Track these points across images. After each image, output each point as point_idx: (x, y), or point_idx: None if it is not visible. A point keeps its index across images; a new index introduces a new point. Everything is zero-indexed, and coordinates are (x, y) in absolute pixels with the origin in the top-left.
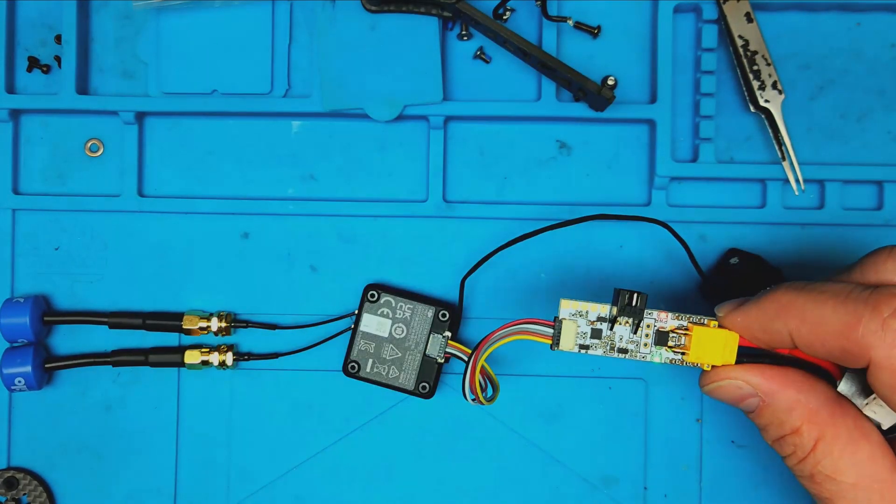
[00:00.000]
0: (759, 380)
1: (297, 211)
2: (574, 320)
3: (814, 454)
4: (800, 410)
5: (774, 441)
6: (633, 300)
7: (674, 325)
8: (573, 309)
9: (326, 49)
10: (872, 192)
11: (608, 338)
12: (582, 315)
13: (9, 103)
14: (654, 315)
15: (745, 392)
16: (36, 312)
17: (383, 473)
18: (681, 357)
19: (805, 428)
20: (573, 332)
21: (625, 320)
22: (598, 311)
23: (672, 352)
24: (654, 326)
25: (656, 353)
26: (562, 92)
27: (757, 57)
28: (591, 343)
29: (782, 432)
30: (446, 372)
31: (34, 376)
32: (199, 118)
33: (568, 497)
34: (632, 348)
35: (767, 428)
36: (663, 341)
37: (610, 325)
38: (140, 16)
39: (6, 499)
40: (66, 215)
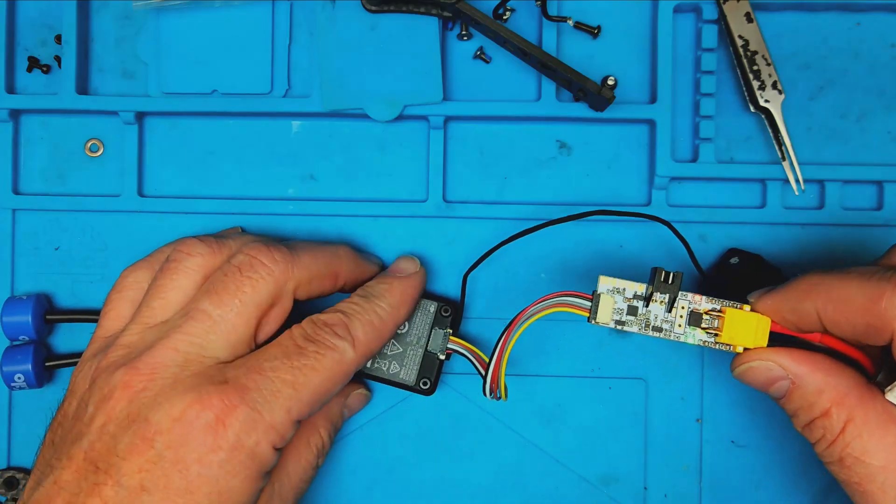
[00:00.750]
0: (790, 362)
1: (297, 211)
2: (611, 296)
3: (843, 436)
4: (829, 393)
5: (804, 427)
6: (669, 277)
7: (707, 308)
8: (611, 285)
9: (326, 49)
10: (872, 192)
11: (643, 315)
12: (619, 292)
13: (9, 103)
14: (688, 297)
15: (776, 374)
16: (38, 311)
17: (383, 473)
18: (713, 339)
19: (834, 410)
20: (610, 306)
21: (660, 299)
22: (635, 289)
23: (705, 333)
24: (687, 308)
25: (690, 333)
26: (562, 92)
27: (757, 57)
28: (627, 320)
29: (812, 415)
30: (446, 371)
31: (34, 374)
32: (199, 118)
33: (568, 497)
34: (666, 327)
35: (798, 413)
36: (697, 322)
37: (645, 302)
38: (140, 16)
39: (6, 499)
40: (66, 215)
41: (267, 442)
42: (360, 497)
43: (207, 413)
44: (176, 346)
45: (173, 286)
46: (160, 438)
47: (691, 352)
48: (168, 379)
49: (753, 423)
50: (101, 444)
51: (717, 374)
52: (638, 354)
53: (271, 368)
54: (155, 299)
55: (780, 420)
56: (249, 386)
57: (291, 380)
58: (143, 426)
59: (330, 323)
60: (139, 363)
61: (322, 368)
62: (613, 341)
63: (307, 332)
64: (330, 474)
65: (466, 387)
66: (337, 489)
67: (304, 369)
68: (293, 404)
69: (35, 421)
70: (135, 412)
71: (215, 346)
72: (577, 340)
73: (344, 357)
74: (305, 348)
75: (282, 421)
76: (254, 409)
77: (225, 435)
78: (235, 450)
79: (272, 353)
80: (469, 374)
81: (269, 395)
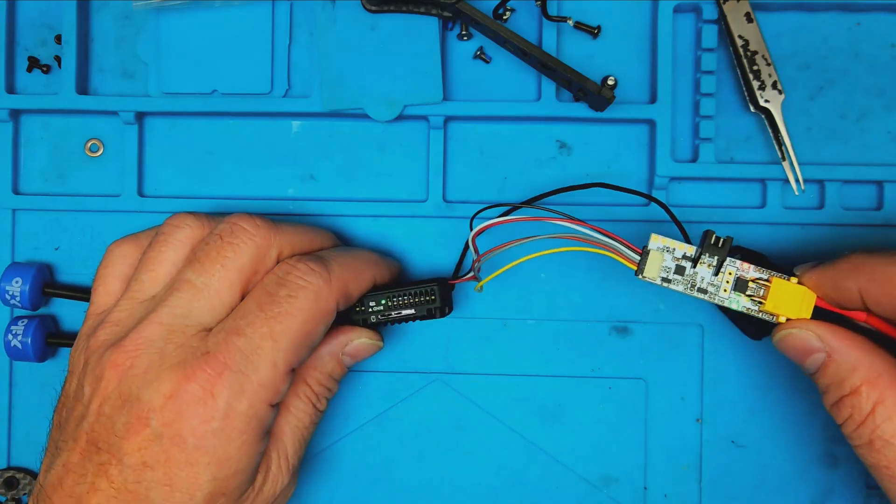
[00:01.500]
0: (829, 334)
1: (297, 211)
2: (661, 253)
3: (872, 418)
4: (862, 371)
5: (833, 405)
6: (719, 241)
7: (754, 276)
8: (662, 244)
9: (326, 49)
10: (872, 192)
11: (690, 276)
12: (669, 251)
13: (9, 103)
14: (736, 263)
15: (814, 345)
16: (38, 279)
17: (383, 473)
18: (757, 307)
19: (864, 389)
20: (659, 263)
21: (708, 262)
22: (685, 251)
23: (749, 300)
24: (735, 273)
25: (734, 299)
26: (562, 92)
27: (757, 57)
28: (674, 278)
29: (841, 392)
30: (446, 371)
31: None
32: (199, 118)
33: (568, 497)
34: (711, 290)
35: (828, 388)
36: (742, 289)
37: (693, 263)
38: (140, 16)
39: (6, 499)
40: (66, 215)
41: (259, 401)
42: (360, 497)
43: (194, 386)
44: (161, 320)
45: (162, 259)
46: (154, 416)
47: (691, 352)
48: (154, 354)
49: (753, 423)
50: (99, 425)
51: (717, 374)
52: (638, 354)
53: (247, 325)
54: (144, 272)
55: (780, 420)
56: (230, 349)
57: (268, 331)
58: (136, 405)
59: (303, 260)
60: (126, 341)
61: (297, 311)
62: (613, 341)
63: (278, 276)
64: (330, 474)
65: (466, 387)
66: (337, 489)
67: (278, 317)
68: (277, 356)
69: (35, 422)
70: (126, 391)
71: (199, 313)
72: (577, 340)
73: (320, 293)
74: (276, 294)
75: (270, 376)
76: (238, 372)
77: (215, 404)
78: (228, 417)
79: (247, 308)
80: (469, 374)
81: (251, 353)
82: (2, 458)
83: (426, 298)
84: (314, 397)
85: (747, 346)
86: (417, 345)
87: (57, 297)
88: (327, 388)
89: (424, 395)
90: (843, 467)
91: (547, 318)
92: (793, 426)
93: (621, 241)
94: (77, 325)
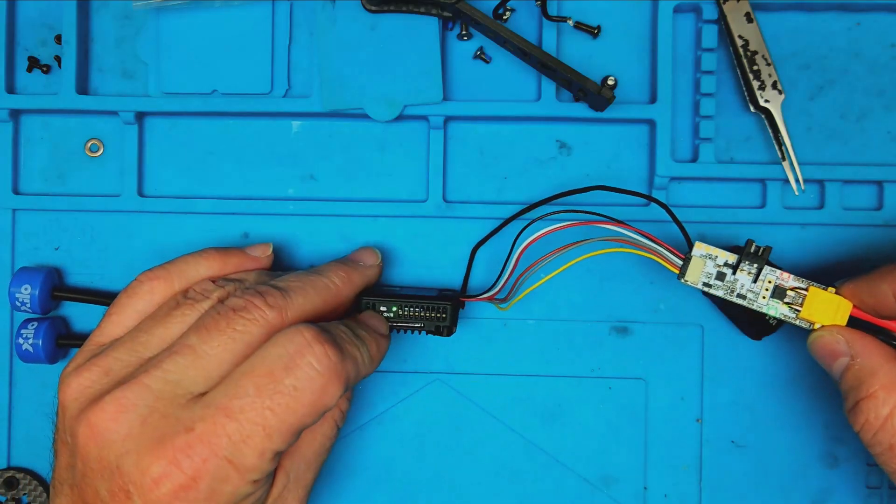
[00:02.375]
0: (855, 339)
1: (297, 211)
2: (703, 259)
3: (892, 422)
4: (882, 377)
5: (850, 410)
6: (759, 250)
7: (793, 285)
8: (705, 251)
9: (326, 49)
10: (872, 192)
11: (730, 282)
12: (711, 258)
13: (9, 103)
14: (776, 272)
15: (841, 349)
16: (47, 283)
17: (383, 473)
18: (794, 314)
19: (881, 393)
20: (700, 268)
21: (747, 269)
22: (726, 258)
23: (787, 307)
24: (774, 281)
25: (772, 305)
26: (562, 92)
27: (757, 57)
28: (714, 284)
29: (858, 396)
30: (446, 371)
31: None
32: (199, 118)
33: (568, 497)
34: (750, 296)
35: (848, 393)
36: (780, 296)
37: (733, 270)
38: (140, 16)
39: (6, 499)
40: (66, 215)
41: (244, 483)
42: (360, 497)
43: (177, 473)
44: (149, 383)
45: (181, 321)
46: (136, 492)
47: (691, 352)
48: (135, 420)
49: (753, 423)
50: (84, 485)
51: (717, 374)
52: (638, 354)
53: (240, 409)
54: (158, 327)
55: (780, 420)
56: (217, 434)
57: (262, 422)
58: (117, 475)
59: (320, 339)
60: (107, 400)
61: (298, 406)
62: (613, 341)
63: (288, 354)
64: (330, 474)
65: (466, 387)
66: (337, 489)
67: (276, 409)
68: (266, 446)
69: (35, 422)
70: (105, 457)
71: (193, 380)
72: (577, 340)
73: (328, 388)
74: (281, 382)
75: (256, 465)
76: (223, 460)
77: (198, 489)
78: (210, 499)
79: (242, 387)
80: (469, 374)
81: (240, 441)
82: (2, 458)
83: (437, 315)
84: (339, 416)
85: (747, 346)
86: (417, 345)
87: (67, 300)
88: (350, 401)
89: (424, 395)
90: (843, 467)
91: (547, 318)
92: (793, 426)
93: (665, 246)
94: (87, 325)
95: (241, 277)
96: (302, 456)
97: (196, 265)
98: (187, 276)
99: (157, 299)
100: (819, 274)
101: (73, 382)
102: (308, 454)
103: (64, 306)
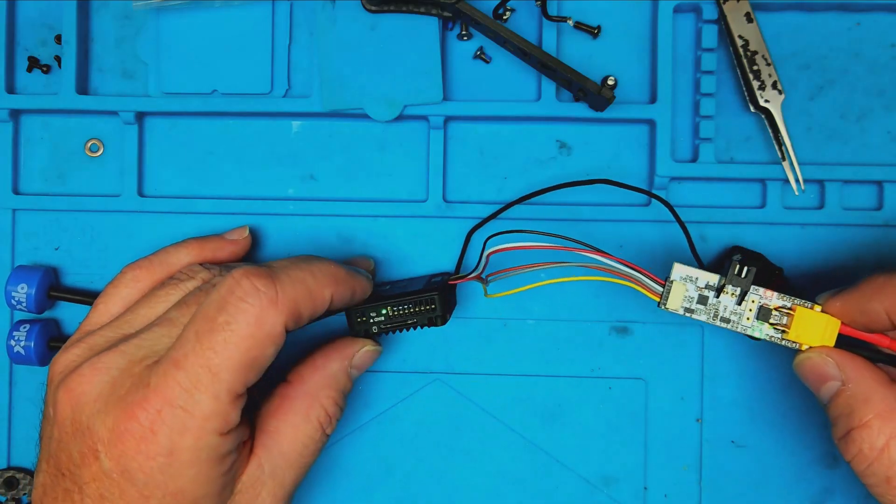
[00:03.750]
0: (847, 362)
1: (297, 211)
2: (684, 283)
3: (888, 454)
4: (876, 404)
5: (841, 438)
6: (743, 271)
7: (778, 304)
8: (684, 273)
9: (326, 49)
10: (872, 192)
11: (713, 306)
12: (692, 280)
13: (9, 103)
14: (759, 291)
15: (830, 372)
16: (44, 283)
17: (383, 473)
18: (780, 335)
19: (876, 423)
20: (682, 294)
21: (731, 291)
22: (708, 280)
23: (773, 328)
24: (758, 302)
25: (757, 327)
26: (562, 92)
27: (757, 57)
28: (697, 308)
29: (850, 425)
30: (446, 371)
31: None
32: (199, 118)
33: (568, 497)
34: (734, 319)
35: (838, 420)
36: (765, 317)
37: (716, 293)
38: (140, 16)
39: (6, 499)
40: (66, 215)
41: (206, 433)
42: (360, 497)
43: (135, 424)
44: (125, 350)
45: (165, 300)
46: (103, 450)
47: (691, 352)
48: (107, 383)
49: (753, 423)
50: (61, 451)
51: (717, 374)
52: (638, 354)
53: (184, 357)
54: (143, 307)
55: (780, 420)
56: (170, 384)
57: (206, 364)
58: (87, 435)
59: (249, 274)
60: (84, 366)
61: (237, 339)
62: (613, 341)
63: (220, 295)
64: (330, 474)
65: (466, 387)
66: (336, 489)
67: (216, 347)
68: (219, 388)
69: (35, 422)
70: (77, 419)
71: (165, 346)
72: (577, 340)
73: (263, 317)
74: (215, 320)
75: (213, 409)
76: (179, 408)
77: (157, 441)
78: (173, 453)
79: (186, 337)
80: (469, 374)
81: (191, 387)
82: (2, 458)
83: (426, 308)
84: (326, 420)
85: (747, 346)
86: (417, 345)
87: (63, 300)
88: (340, 407)
89: (424, 395)
90: (843, 467)
91: (547, 318)
92: (793, 426)
93: (644, 273)
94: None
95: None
96: (279, 450)
97: (177, 253)
98: (169, 264)
99: (141, 286)
100: (819, 274)
101: (60, 359)
102: (287, 450)
103: (59, 306)
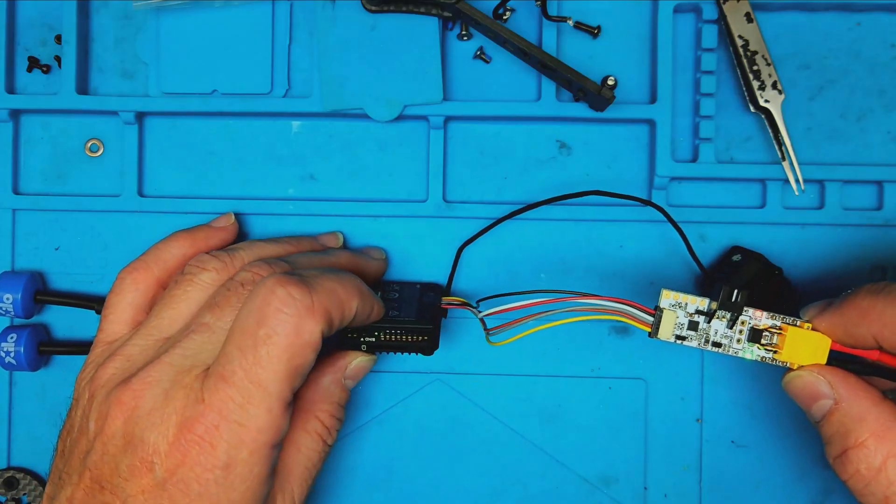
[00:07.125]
0: (838, 381)
1: (297, 211)
2: (674, 311)
3: (885, 473)
4: (871, 423)
5: (836, 458)
6: (735, 296)
7: (768, 324)
8: (673, 300)
9: (326, 49)
10: (872, 192)
11: (704, 331)
12: (681, 307)
13: (9, 103)
14: (749, 312)
15: (821, 390)
16: (29, 287)
17: (383, 473)
18: (772, 355)
19: (871, 442)
20: (672, 322)
21: (722, 315)
22: (697, 305)
23: (764, 350)
24: (748, 324)
25: (748, 349)
26: (562, 92)
27: (757, 57)
28: (688, 335)
29: (845, 445)
30: (447, 371)
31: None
32: (199, 118)
33: (568, 497)
34: (725, 343)
35: (832, 439)
36: (756, 339)
37: (707, 318)
38: (140, 16)
39: (6, 499)
40: (66, 215)
41: (261, 446)
42: (360, 497)
43: (195, 436)
44: (171, 361)
45: (185, 297)
46: (158, 461)
47: (691, 352)
48: (160, 395)
49: (753, 423)
50: (104, 464)
51: (717, 374)
52: (638, 354)
53: (232, 373)
54: (166, 310)
55: (780, 420)
56: (223, 400)
57: (255, 379)
58: (140, 447)
59: (283, 282)
60: (134, 380)
61: (280, 351)
62: (613, 341)
63: (257, 307)
64: (330, 474)
65: (466, 387)
66: (337, 489)
67: (261, 362)
68: (270, 401)
69: (35, 422)
70: (130, 432)
71: (210, 354)
72: (577, 340)
73: (302, 326)
74: (256, 334)
75: (266, 422)
76: (235, 423)
77: (216, 454)
78: (229, 466)
79: (229, 352)
80: (469, 374)
81: (244, 402)
82: (2, 458)
83: (418, 338)
84: (325, 432)
85: None
86: None
87: (49, 304)
88: (338, 418)
89: (424, 395)
90: None
91: (546, 317)
92: (793, 426)
93: (633, 305)
94: (69, 331)
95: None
96: (283, 466)
97: (168, 248)
98: (163, 260)
99: (144, 287)
100: (819, 274)
101: (100, 374)
102: (291, 466)
103: (47, 310)
